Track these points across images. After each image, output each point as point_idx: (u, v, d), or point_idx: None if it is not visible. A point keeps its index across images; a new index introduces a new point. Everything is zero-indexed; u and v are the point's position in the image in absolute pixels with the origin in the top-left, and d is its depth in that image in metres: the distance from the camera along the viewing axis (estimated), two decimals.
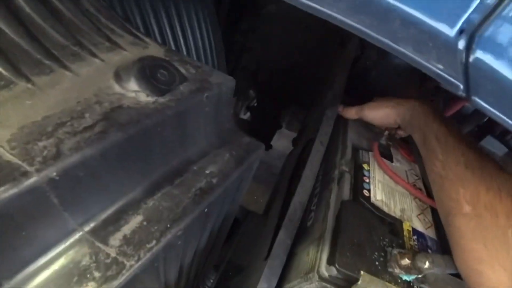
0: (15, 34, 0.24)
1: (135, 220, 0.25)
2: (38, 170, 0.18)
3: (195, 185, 0.29)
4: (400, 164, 0.55)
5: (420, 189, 0.52)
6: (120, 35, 0.31)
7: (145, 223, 0.25)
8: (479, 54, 0.19)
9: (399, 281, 0.38)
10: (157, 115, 0.25)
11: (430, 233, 0.46)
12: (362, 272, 0.35)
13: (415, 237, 0.44)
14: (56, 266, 0.21)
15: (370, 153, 0.53)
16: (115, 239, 0.23)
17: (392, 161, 0.54)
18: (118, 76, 0.26)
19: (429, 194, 0.51)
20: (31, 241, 0.20)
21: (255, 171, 0.41)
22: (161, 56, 0.32)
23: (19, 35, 0.24)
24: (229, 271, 0.74)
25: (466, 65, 0.19)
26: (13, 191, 0.17)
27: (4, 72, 0.22)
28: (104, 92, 0.25)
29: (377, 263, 0.38)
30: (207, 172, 0.31)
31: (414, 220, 0.46)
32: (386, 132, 0.57)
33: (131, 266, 0.22)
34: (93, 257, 0.22)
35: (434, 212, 0.49)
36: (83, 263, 0.22)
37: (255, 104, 0.78)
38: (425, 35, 0.20)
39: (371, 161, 0.52)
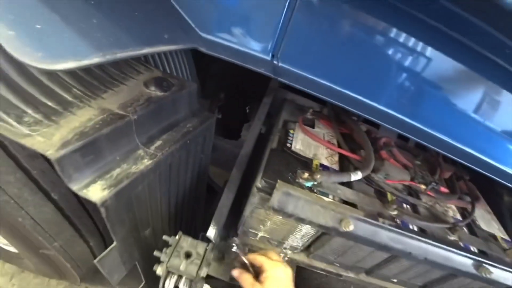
0: None
1: (157, 143, 0.54)
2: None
3: (181, 131, 0.59)
4: (320, 129, 0.85)
5: (333, 143, 0.81)
6: (143, 66, 0.62)
7: (161, 142, 0.55)
8: (282, 63, 0.47)
9: (304, 187, 0.66)
10: (165, 99, 0.55)
11: (334, 167, 0.75)
12: (278, 181, 0.64)
13: (321, 168, 0.72)
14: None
15: (297, 123, 0.83)
16: (152, 149, 0.53)
17: (314, 128, 0.84)
18: (146, 85, 0.56)
19: (339, 146, 0.80)
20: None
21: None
22: (161, 75, 0.62)
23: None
24: None
25: (276, 68, 0.49)
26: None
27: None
28: (142, 92, 0.55)
29: (290, 178, 0.66)
30: (187, 126, 0.61)
31: (323, 160, 0.75)
32: (311, 110, 0.87)
33: (156, 155, 0.52)
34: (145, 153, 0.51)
35: (340, 156, 0.78)
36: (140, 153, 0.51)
37: (225, 104, 1.08)
38: (259, 61, 0.49)
39: (296, 127, 0.81)
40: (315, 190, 0.66)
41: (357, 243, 0.71)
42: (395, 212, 0.69)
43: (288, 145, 0.74)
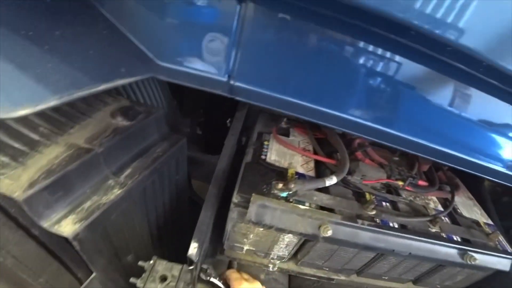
0: None
1: (127, 171, 0.57)
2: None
3: (152, 156, 0.61)
4: (295, 137, 0.87)
5: (308, 150, 0.84)
6: (111, 97, 0.65)
7: (131, 170, 0.57)
8: (237, 82, 0.51)
9: (279, 198, 0.68)
10: (132, 128, 0.58)
11: (310, 173, 0.77)
12: (253, 194, 0.66)
13: (297, 176, 0.74)
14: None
15: (271, 134, 0.85)
16: (122, 177, 0.55)
17: (288, 136, 0.87)
18: (112, 116, 0.59)
19: (315, 152, 0.83)
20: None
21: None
22: (128, 104, 0.65)
23: None
24: None
25: (232, 88, 0.52)
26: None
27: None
28: (108, 123, 0.58)
29: (265, 190, 0.68)
30: (158, 150, 0.63)
31: (298, 168, 0.77)
32: (285, 119, 0.90)
33: (127, 183, 0.54)
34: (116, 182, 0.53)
35: (316, 162, 0.81)
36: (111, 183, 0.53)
37: (205, 120, 1.11)
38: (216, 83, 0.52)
39: (271, 138, 0.84)
40: (291, 199, 0.68)
41: (340, 246, 0.73)
42: (373, 212, 0.71)
43: (263, 157, 0.77)
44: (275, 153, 0.79)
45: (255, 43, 0.52)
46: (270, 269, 0.86)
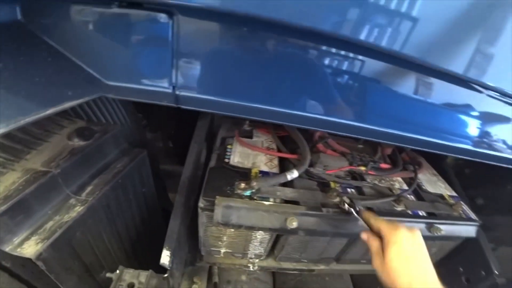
0: None
1: (88, 189, 0.59)
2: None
3: (112, 172, 0.64)
4: (258, 138, 0.91)
5: (272, 149, 0.88)
6: (66, 119, 0.68)
7: (92, 187, 0.59)
8: (181, 91, 0.55)
9: (243, 197, 0.71)
10: (89, 147, 0.60)
11: (274, 170, 0.81)
12: (217, 196, 0.69)
13: (261, 175, 0.78)
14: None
15: (234, 138, 0.89)
16: (83, 195, 0.57)
17: (252, 138, 0.90)
18: (69, 138, 0.62)
19: (279, 150, 0.87)
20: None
21: None
22: (84, 125, 0.68)
23: None
24: None
25: (178, 98, 0.55)
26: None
27: None
28: (65, 145, 0.60)
29: (229, 192, 0.71)
30: (118, 166, 0.66)
31: (262, 166, 0.81)
32: (247, 122, 0.94)
33: (88, 200, 0.56)
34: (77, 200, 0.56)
35: (280, 160, 0.84)
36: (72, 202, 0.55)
37: (176, 132, 1.14)
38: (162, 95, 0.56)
39: (234, 142, 0.87)
40: (255, 197, 0.71)
41: (311, 236, 0.76)
42: (337, 199, 0.75)
43: (227, 160, 0.80)
44: (239, 155, 0.82)
45: (191, 53, 0.56)
46: (251, 269, 0.88)
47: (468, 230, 0.87)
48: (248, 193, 0.71)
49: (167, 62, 0.56)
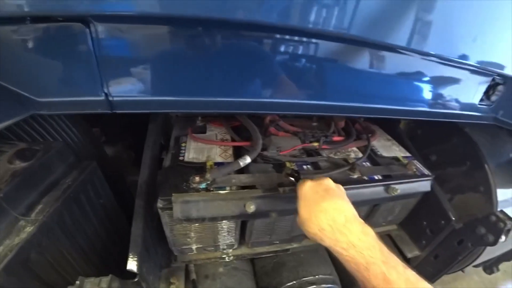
0: None
1: (38, 208, 0.60)
2: None
3: (62, 188, 0.64)
4: (212, 131, 0.94)
5: (226, 139, 0.90)
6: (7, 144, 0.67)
7: (42, 205, 0.60)
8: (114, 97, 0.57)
9: (200, 190, 0.73)
10: (31, 167, 0.61)
11: (230, 160, 0.83)
12: (173, 194, 0.71)
13: (216, 166, 0.80)
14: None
15: (188, 135, 0.91)
16: (32, 215, 0.58)
17: (205, 132, 0.93)
18: (9, 161, 0.62)
19: (233, 140, 0.90)
20: None
21: None
22: (25, 146, 0.68)
23: None
24: None
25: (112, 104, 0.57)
26: None
27: None
28: (6, 169, 0.60)
29: (185, 187, 0.73)
30: (67, 181, 0.67)
31: (217, 158, 0.83)
32: (199, 118, 0.96)
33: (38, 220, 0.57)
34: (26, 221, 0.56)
35: (235, 149, 0.87)
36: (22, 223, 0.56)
37: (137, 142, 1.15)
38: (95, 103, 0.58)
39: (188, 139, 0.89)
40: (211, 188, 0.73)
41: (272, 217, 0.79)
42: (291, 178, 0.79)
43: (181, 158, 0.82)
44: (193, 151, 0.84)
45: (116, 57, 0.58)
46: (226, 260, 0.91)
47: (423, 185, 0.93)
48: (203, 185, 0.73)
49: (93, 70, 0.57)
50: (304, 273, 0.92)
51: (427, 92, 0.82)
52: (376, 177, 0.88)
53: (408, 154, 1.02)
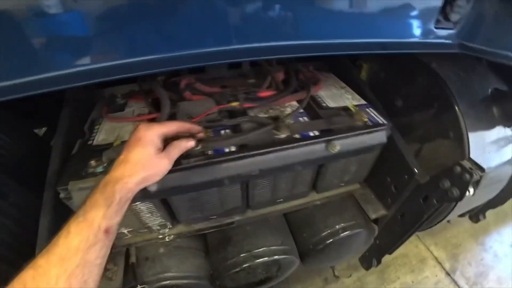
0: None
1: None
2: None
3: None
4: (130, 108, 0.88)
5: (143, 114, 0.84)
6: None
7: None
8: None
9: (98, 174, 0.69)
10: None
11: None
12: (70, 182, 0.68)
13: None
14: None
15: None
16: None
17: (124, 110, 0.87)
18: None
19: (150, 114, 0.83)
20: None
21: None
22: None
23: None
24: None
25: None
26: None
27: None
28: None
29: (83, 173, 0.70)
30: None
31: (126, 136, 0.78)
32: (119, 94, 0.90)
33: None
34: None
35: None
36: None
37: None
38: None
39: (104, 120, 0.85)
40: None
41: (183, 194, 0.74)
42: (199, 147, 0.71)
43: (90, 142, 0.78)
44: (104, 132, 0.80)
45: None
46: (167, 240, 0.89)
47: (375, 136, 0.80)
48: (100, 169, 0.69)
49: None
50: (249, 246, 0.87)
51: (365, 20, 0.66)
52: (312, 134, 0.76)
53: (362, 102, 0.87)
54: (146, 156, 0.56)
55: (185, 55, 0.57)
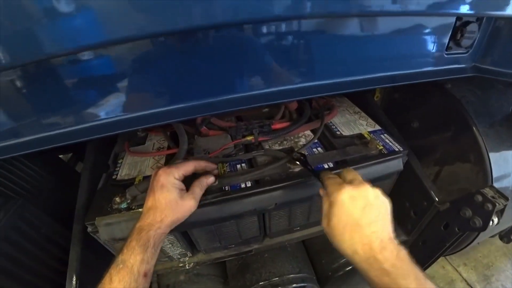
0: None
1: None
2: None
3: None
4: (151, 141, 0.94)
5: (161, 149, 0.90)
6: None
7: None
8: None
9: (122, 210, 0.75)
10: None
11: None
12: (97, 217, 0.74)
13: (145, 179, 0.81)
14: None
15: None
16: None
17: (144, 143, 0.93)
18: None
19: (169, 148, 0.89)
20: None
21: None
22: None
23: None
24: None
25: None
26: None
27: None
28: None
29: (109, 209, 0.76)
30: None
31: (148, 171, 0.83)
32: (140, 129, 0.97)
33: None
34: None
35: (168, 157, 0.86)
36: None
37: None
38: None
39: (125, 155, 0.91)
40: (133, 207, 0.75)
41: (203, 227, 0.78)
42: (216, 183, 0.75)
43: (114, 177, 0.84)
44: (127, 167, 0.86)
45: None
46: (187, 268, 0.93)
47: (392, 164, 0.81)
48: (124, 205, 0.75)
49: None
50: (267, 274, 0.90)
51: (374, 56, 0.66)
52: (326, 165, 0.79)
53: (377, 128, 0.88)
54: (172, 200, 0.61)
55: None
